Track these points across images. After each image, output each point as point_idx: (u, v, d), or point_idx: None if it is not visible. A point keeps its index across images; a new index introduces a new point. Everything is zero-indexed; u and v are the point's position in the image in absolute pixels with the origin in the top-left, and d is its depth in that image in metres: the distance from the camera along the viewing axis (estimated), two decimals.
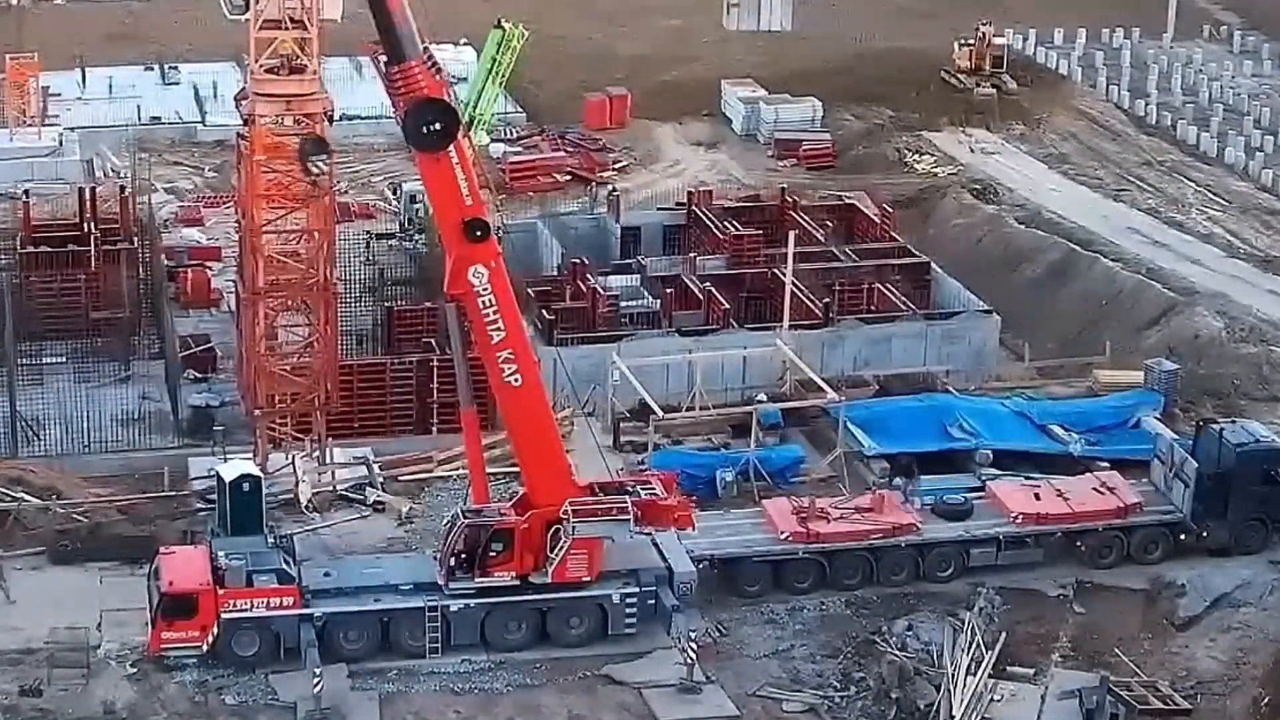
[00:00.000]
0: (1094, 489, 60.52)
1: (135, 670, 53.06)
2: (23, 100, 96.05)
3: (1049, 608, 57.79)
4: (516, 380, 53.77)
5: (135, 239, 74.57)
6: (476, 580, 53.96)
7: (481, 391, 56.61)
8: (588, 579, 54.43)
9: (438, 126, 51.99)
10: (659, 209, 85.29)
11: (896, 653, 54.76)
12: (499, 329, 53.40)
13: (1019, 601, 57.70)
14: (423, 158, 52.98)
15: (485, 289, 53.16)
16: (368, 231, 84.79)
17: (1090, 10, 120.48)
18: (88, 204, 76.26)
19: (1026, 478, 62.08)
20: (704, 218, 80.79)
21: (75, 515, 59.66)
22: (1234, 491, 59.59)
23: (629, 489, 55.34)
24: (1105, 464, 63.69)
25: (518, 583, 54.14)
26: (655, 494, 55.13)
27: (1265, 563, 59.57)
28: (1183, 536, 59.85)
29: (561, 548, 53.94)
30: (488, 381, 54.95)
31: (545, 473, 54.47)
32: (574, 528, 53.78)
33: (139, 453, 64.57)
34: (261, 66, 59.11)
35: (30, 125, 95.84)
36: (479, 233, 52.89)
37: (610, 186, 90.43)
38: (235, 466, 57.37)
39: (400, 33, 51.89)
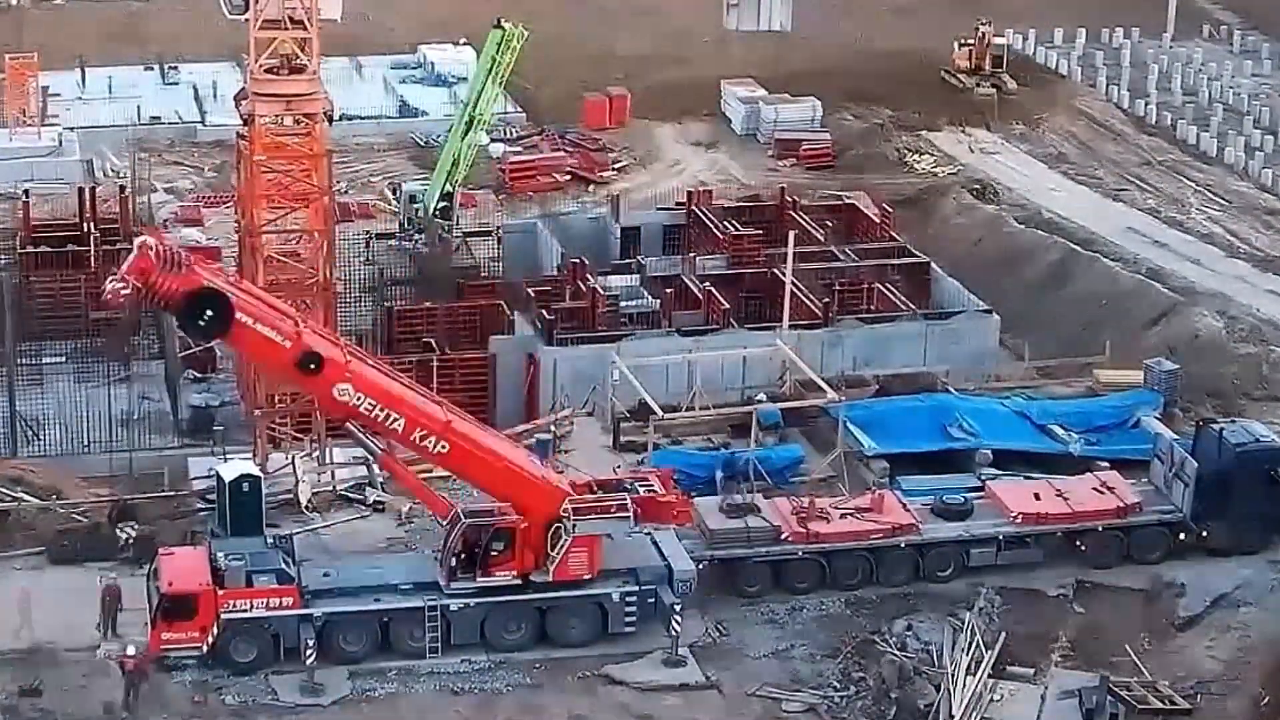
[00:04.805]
0: (1094, 489, 60.49)
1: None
2: (23, 100, 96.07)
3: (1049, 608, 57.73)
4: (444, 448, 52.87)
5: (135, 239, 74.46)
6: (478, 580, 53.84)
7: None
8: (588, 577, 54.30)
9: (210, 313, 50.21)
10: (659, 209, 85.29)
11: (896, 653, 54.75)
12: (396, 417, 52.12)
13: (1019, 601, 57.64)
14: (228, 341, 51.29)
15: (360, 397, 51.76)
16: (367, 231, 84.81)
17: (1090, 10, 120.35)
18: (88, 204, 76.33)
19: (1026, 477, 62.10)
20: (704, 218, 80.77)
21: (75, 515, 59.66)
22: (1234, 491, 59.48)
23: (627, 486, 55.18)
24: (1105, 464, 63.61)
25: (519, 582, 54.05)
26: (653, 490, 54.98)
27: (1265, 563, 59.51)
28: (1183, 536, 59.81)
29: (562, 546, 53.80)
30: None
31: (526, 493, 53.96)
32: (574, 526, 53.62)
33: (139, 453, 64.55)
34: (261, 66, 59.15)
35: (30, 125, 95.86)
36: (313, 365, 51.03)
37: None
38: (235, 466, 57.37)
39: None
